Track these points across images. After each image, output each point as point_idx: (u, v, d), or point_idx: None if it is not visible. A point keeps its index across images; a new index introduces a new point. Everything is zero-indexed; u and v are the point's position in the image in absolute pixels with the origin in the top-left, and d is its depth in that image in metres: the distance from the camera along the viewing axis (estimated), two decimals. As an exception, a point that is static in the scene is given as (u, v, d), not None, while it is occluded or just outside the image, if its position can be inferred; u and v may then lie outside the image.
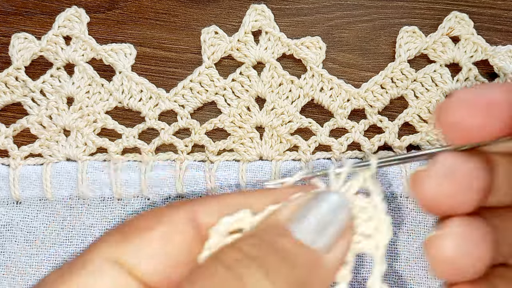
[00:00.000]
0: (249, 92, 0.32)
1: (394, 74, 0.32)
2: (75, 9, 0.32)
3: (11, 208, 0.31)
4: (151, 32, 0.33)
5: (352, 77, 0.33)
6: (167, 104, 0.32)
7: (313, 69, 0.32)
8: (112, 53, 0.32)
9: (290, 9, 0.34)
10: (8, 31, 0.32)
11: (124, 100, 0.32)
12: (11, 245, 0.30)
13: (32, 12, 0.33)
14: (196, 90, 0.32)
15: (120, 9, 0.33)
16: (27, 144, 0.31)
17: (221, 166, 0.31)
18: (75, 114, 0.31)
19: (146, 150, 0.31)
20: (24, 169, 0.31)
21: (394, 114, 0.32)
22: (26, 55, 0.32)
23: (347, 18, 0.34)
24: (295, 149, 0.32)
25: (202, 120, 0.32)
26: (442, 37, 0.32)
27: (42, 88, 0.32)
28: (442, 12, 0.33)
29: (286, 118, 0.32)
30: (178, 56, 0.33)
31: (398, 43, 0.33)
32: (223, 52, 0.32)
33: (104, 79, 0.32)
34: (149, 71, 0.33)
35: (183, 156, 0.31)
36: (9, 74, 0.32)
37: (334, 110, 0.32)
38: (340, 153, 0.32)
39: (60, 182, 0.31)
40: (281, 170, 0.31)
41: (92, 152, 0.31)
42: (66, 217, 0.31)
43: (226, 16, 0.33)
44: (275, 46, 0.32)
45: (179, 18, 0.33)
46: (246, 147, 0.31)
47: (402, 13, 0.34)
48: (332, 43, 0.33)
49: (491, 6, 0.34)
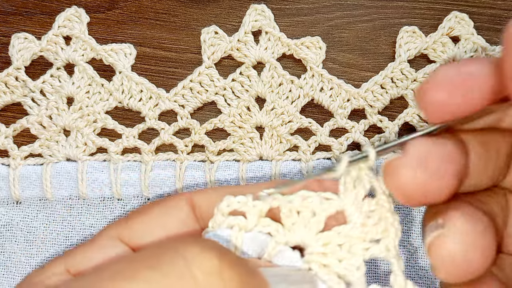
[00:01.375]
0: (249, 92, 0.32)
1: (394, 74, 0.32)
2: (75, 9, 0.32)
3: (11, 208, 0.31)
4: (151, 32, 0.33)
5: (352, 77, 0.33)
6: (167, 104, 0.32)
7: (313, 69, 0.32)
8: (112, 53, 0.32)
9: (290, 9, 0.34)
10: (8, 31, 0.32)
11: (124, 100, 0.32)
12: (11, 245, 0.30)
13: (32, 12, 0.33)
14: (196, 90, 0.32)
15: (120, 9, 0.33)
16: (27, 144, 0.31)
17: (221, 166, 0.31)
18: (75, 114, 0.31)
19: (146, 150, 0.31)
20: (24, 169, 0.31)
21: (394, 114, 0.32)
22: (26, 55, 0.32)
23: (347, 18, 0.34)
24: (295, 149, 0.32)
25: (202, 120, 0.32)
26: (442, 37, 0.32)
27: (42, 88, 0.32)
28: (442, 12, 0.33)
29: (286, 118, 0.32)
30: (178, 56, 0.33)
31: (398, 43, 0.33)
32: (223, 52, 0.32)
33: (104, 79, 0.32)
34: (149, 71, 0.33)
35: (183, 156, 0.31)
36: (9, 74, 0.32)
37: (334, 110, 0.32)
38: (340, 153, 0.32)
39: (60, 182, 0.31)
40: (281, 170, 0.31)
41: (92, 152, 0.31)
42: (66, 217, 0.31)
43: (226, 16, 0.33)
44: (275, 46, 0.32)
45: (179, 18, 0.33)
46: (246, 147, 0.31)
47: (402, 13, 0.34)
48: (332, 43, 0.33)
49: (491, 6, 0.34)
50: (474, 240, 0.20)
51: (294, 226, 0.23)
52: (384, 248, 0.22)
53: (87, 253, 0.24)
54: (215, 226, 0.23)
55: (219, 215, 0.23)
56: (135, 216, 0.25)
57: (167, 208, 0.25)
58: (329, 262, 0.23)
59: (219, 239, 0.23)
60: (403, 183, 0.20)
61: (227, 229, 0.23)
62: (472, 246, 0.20)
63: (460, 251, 0.20)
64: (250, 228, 0.23)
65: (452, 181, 0.20)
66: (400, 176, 0.20)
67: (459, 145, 0.21)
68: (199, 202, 0.25)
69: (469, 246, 0.20)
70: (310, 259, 0.23)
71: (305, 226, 0.23)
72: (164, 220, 0.25)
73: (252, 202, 0.23)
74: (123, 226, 0.25)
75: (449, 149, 0.20)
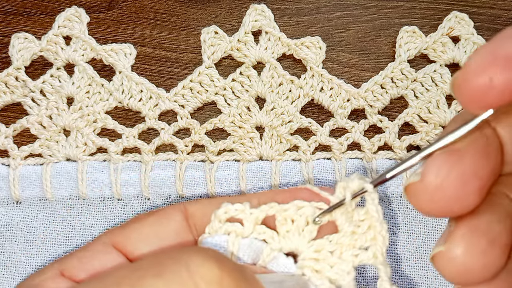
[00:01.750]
0: (249, 92, 0.32)
1: (394, 74, 0.32)
2: (75, 9, 0.32)
3: (11, 208, 0.31)
4: (151, 32, 0.33)
5: (352, 77, 0.33)
6: (167, 104, 0.32)
7: (313, 69, 0.32)
8: (112, 53, 0.32)
9: (290, 9, 0.34)
10: (8, 31, 0.32)
11: (124, 100, 0.32)
12: (11, 245, 0.30)
13: (32, 12, 0.33)
14: (196, 90, 0.32)
15: (120, 9, 0.33)
16: (27, 144, 0.31)
17: (221, 166, 0.31)
18: (75, 114, 0.31)
19: (146, 150, 0.31)
20: (24, 169, 0.31)
21: (394, 114, 0.32)
22: (26, 55, 0.32)
23: (347, 18, 0.34)
24: (295, 149, 0.32)
25: (202, 120, 0.32)
26: (442, 37, 0.32)
27: (42, 88, 0.32)
28: (442, 12, 0.33)
29: (286, 118, 0.32)
30: (178, 56, 0.33)
31: (398, 43, 0.33)
32: (223, 52, 0.32)
33: (104, 79, 0.32)
34: (149, 71, 0.33)
35: (183, 156, 0.31)
36: (9, 74, 0.32)
37: (334, 110, 0.32)
38: (340, 153, 0.32)
39: (60, 182, 0.31)
40: (281, 170, 0.31)
41: (92, 152, 0.31)
42: (66, 217, 0.31)
43: (226, 16, 0.33)
44: (275, 46, 0.32)
45: (179, 18, 0.33)
46: (246, 147, 0.31)
47: (402, 13, 0.34)
48: (332, 43, 0.33)
49: (491, 6, 0.34)
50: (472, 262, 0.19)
51: (288, 233, 0.25)
52: (372, 255, 0.24)
53: (82, 258, 0.25)
54: (211, 232, 0.25)
55: (216, 221, 0.25)
56: (131, 224, 0.26)
57: (162, 217, 0.26)
58: (321, 268, 0.24)
59: (216, 245, 0.24)
60: (424, 207, 0.20)
61: (224, 235, 0.24)
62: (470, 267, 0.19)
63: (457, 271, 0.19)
64: (247, 234, 0.25)
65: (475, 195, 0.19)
66: (420, 200, 0.20)
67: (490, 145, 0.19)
68: (193, 212, 0.26)
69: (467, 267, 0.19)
70: (303, 264, 0.24)
71: (299, 234, 0.25)
72: (159, 228, 0.25)
73: (250, 210, 0.25)
74: (119, 234, 0.25)
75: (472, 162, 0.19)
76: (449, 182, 0.19)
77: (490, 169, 0.19)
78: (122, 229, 0.26)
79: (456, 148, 0.19)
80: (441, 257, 0.20)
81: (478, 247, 0.19)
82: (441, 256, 0.20)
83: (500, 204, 0.20)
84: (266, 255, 0.24)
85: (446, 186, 0.19)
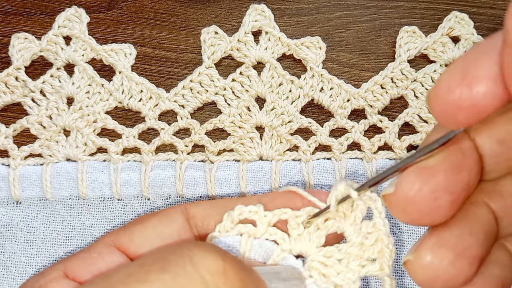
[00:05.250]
0: (249, 92, 0.32)
1: (394, 74, 0.32)
2: (75, 9, 0.32)
3: (11, 208, 0.31)
4: (151, 32, 0.33)
5: (352, 77, 0.33)
6: (167, 104, 0.32)
7: (313, 69, 0.32)
8: (112, 53, 0.32)
9: (290, 9, 0.34)
10: (8, 31, 0.32)
11: (124, 100, 0.32)
12: (11, 245, 0.30)
13: (32, 12, 0.33)
14: (196, 90, 0.32)
15: (120, 9, 0.33)
16: (27, 144, 0.31)
17: (221, 166, 0.31)
18: (75, 114, 0.31)
19: (146, 150, 0.31)
20: (24, 169, 0.31)
21: (394, 114, 0.32)
22: (26, 55, 0.32)
23: (347, 18, 0.34)
24: (295, 149, 0.32)
25: (202, 120, 0.32)
26: (442, 37, 0.32)
27: (42, 88, 0.32)
28: (442, 12, 0.33)
29: (286, 118, 0.32)
30: (178, 56, 0.33)
31: (398, 43, 0.33)
32: (223, 52, 0.32)
33: (104, 79, 0.32)
34: (149, 71, 0.33)
35: (183, 156, 0.31)
36: (9, 74, 0.32)
37: (334, 110, 0.32)
38: (340, 153, 0.32)
39: (60, 182, 0.31)
40: (281, 170, 0.31)
41: (92, 152, 0.31)
42: (66, 217, 0.31)
43: (226, 16, 0.33)
44: (275, 46, 0.32)
45: (179, 18, 0.33)
46: (246, 147, 0.31)
47: (402, 13, 0.34)
48: (332, 43, 0.33)
49: (491, 6, 0.34)
50: (438, 272, 0.20)
51: (299, 236, 0.26)
52: (379, 267, 0.24)
53: (86, 259, 0.25)
54: (221, 230, 0.25)
55: (228, 221, 0.25)
56: (134, 226, 0.26)
57: (163, 218, 0.26)
58: (328, 272, 0.25)
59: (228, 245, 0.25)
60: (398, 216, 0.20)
61: (236, 236, 0.25)
62: (437, 276, 0.20)
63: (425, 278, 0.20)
64: (259, 235, 0.25)
65: (446, 209, 0.20)
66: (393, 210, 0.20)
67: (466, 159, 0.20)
68: (194, 213, 0.27)
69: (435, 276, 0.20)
70: (311, 266, 0.25)
71: (309, 239, 0.26)
72: (161, 229, 0.26)
73: (264, 212, 0.26)
74: (122, 235, 0.26)
75: (444, 178, 0.19)
76: (421, 196, 0.19)
77: (464, 183, 0.20)
78: (125, 231, 0.26)
79: (429, 164, 0.20)
80: (411, 263, 0.20)
81: (445, 259, 0.20)
82: (411, 263, 0.20)
83: (475, 215, 0.21)
84: (277, 255, 0.25)
85: (418, 200, 0.19)
